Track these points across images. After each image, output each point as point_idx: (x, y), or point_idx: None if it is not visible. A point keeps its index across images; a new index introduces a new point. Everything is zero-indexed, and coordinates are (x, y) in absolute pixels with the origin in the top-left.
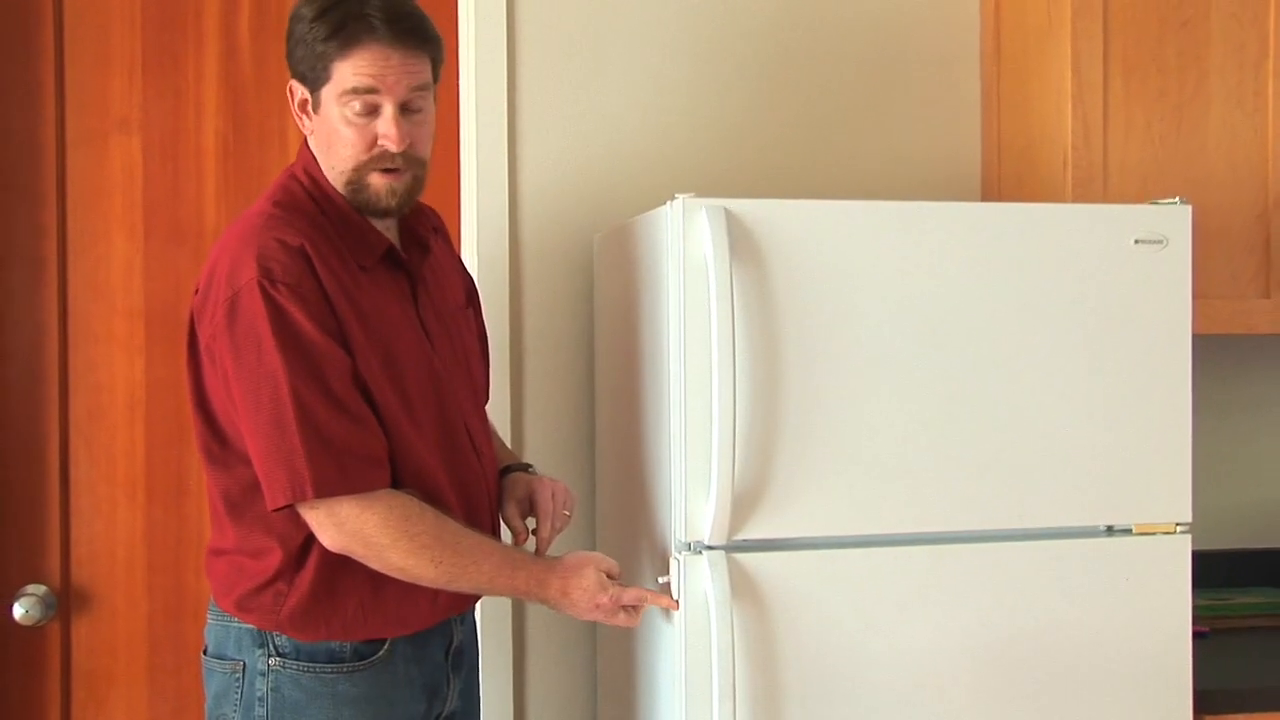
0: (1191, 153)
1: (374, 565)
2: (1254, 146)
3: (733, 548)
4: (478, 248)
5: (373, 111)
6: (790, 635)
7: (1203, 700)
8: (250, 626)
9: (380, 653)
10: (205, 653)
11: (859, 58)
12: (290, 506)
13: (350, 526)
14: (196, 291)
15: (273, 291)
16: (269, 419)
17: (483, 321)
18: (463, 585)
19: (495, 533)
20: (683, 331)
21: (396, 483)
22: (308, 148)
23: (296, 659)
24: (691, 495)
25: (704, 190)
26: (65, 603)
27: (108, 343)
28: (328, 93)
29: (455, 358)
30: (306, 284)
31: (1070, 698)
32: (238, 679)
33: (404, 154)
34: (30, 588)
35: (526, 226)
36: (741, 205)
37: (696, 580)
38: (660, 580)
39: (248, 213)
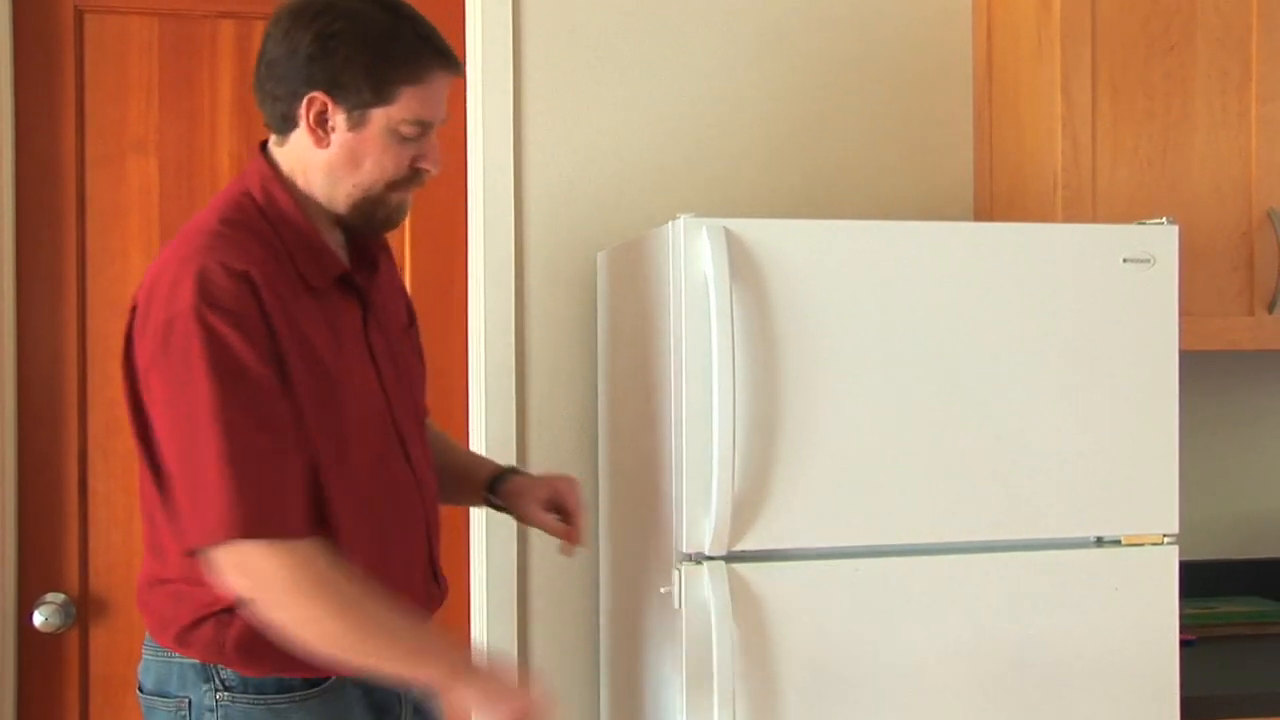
0: (1178, 174)
1: (266, 614)
2: (1238, 167)
3: (732, 558)
4: (484, 263)
5: (420, 134)
6: (788, 643)
7: (1189, 707)
8: (193, 661)
9: (330, 679)
10: (142, 690)
11: (855, 81)
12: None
13: (255, 576)
14: (134, 309)
15: (211, 318)
16: (197, 453)
17: (420, 342)
18: (365, 650)
19: (432, 556)
20: (684, 347)
21: (318, 520)
22: (265, 162)
23: (245, 691)
24: (692, 507)
25: (703, 208)
26: (84, 611)
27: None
28: (382, 114)
29: (400, 383)
30: (249, 312)
31: (1061, 703)
32: (183, 716)
33: None
34: (50, 596)
35: (532, 243)
36: (741, 225)
37: (697, 590)
38: (662, 590)
39: (190, 227)
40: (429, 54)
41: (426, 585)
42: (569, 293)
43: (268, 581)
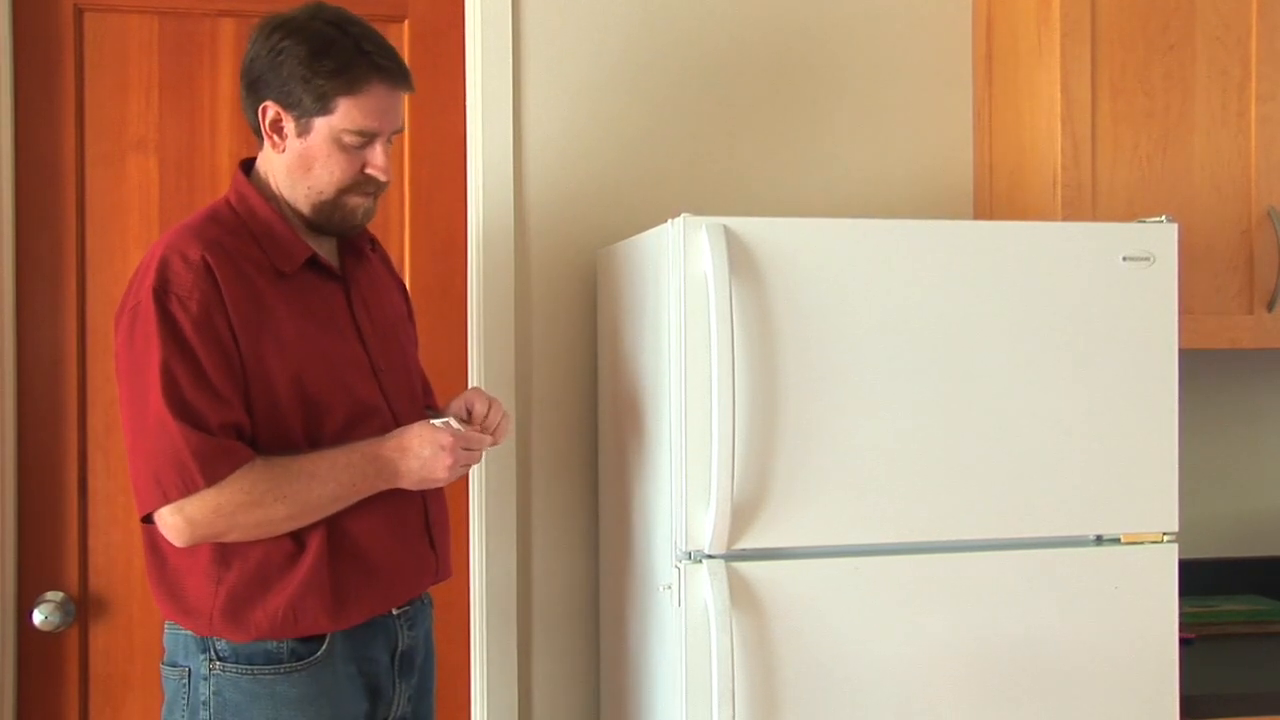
0: (1177, 172)
1: (226, 538)
2: (1237, 166)
3: (732, 557)
4: (483, 262)
5: (365, 143)
6: (787, 642)
7: (1189, 705)
8: (190, 633)
9: (318, 652)
10: (163, 661)
11: (854, 79)
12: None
13: (200, 521)
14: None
15: (165, 301)
16: (148, 423)
17: (416, 335)
18: (319, 498)
19: (429, 518)
20: (683, 345)
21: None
22: (243, 173)
23: (235, 662)
24: (691, 505)
25: (703, 206)
26: (83, 610)
27: None
28: (324, 123)
29: (391, 361)
30: (199, 295)
31: (1060, 702)
32: (185, 684)
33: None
34: (50, 595)
35: (532, 240)
36: (740, 223)
37: (696, 588)
38: (663, 587)
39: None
40: (365, 67)
41: (419, 546)
42: (569, 291)
43: (211, 519)
